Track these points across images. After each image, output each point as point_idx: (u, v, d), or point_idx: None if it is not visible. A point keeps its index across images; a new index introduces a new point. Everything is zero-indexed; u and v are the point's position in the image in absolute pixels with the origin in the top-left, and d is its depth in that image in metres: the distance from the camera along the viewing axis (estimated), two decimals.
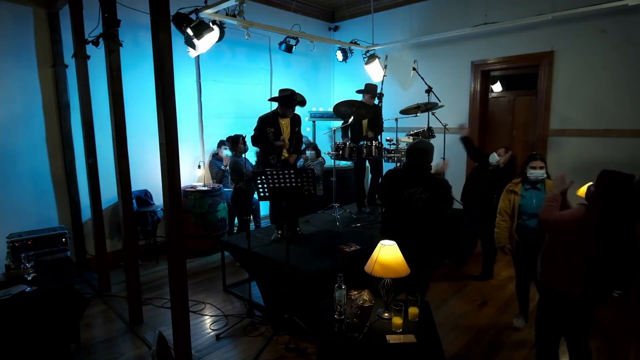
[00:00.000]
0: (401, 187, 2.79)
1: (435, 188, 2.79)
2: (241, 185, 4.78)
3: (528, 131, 5.32)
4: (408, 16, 6.01)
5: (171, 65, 2.42)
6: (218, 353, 2.93)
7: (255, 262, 3.50)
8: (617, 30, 4.30)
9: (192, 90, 5.36)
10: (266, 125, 3.73)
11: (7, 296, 2.54)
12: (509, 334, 3.16)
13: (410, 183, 2.78)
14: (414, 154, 2.84)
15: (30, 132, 4.08)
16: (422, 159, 2.82)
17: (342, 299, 2.20)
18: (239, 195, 4.88)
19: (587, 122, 4.59)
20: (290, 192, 3.13)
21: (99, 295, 3.86)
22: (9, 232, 3.76)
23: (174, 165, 2.48)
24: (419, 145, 2.88)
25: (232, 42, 5.39)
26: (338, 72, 7.17)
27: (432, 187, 2.77)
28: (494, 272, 4.29)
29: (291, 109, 3.79)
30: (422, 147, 2.86)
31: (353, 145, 4.35)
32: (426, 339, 2.10)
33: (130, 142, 3.30)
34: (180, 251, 2.58)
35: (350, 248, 3.40)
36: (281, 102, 3.75)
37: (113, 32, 3.09)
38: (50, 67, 4.14)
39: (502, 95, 5.65)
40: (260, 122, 3.79)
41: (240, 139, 4.71)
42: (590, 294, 2.19)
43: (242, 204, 4.89)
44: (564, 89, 4.74)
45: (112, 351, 2.99)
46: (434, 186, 2.79)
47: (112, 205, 4.59)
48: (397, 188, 2.81)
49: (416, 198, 2.74)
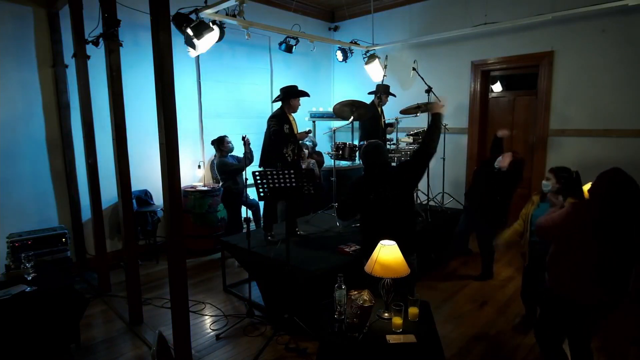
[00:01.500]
0: (368, 192, 2.73)
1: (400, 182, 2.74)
2: (229, 185, 4.79)
3: (528, 131, 5.32)
4: (408, 16, 6.02)
5: (171, 65, 2.42)
6: (218, 353, 2.93)
7: (255, 262, 3.50)
8: (617, 30, 4.30)
9: (192, 90, 5.36)
10: (283, 122, 3.69)
11: (7, 296, 2.54)
12: (509, 334, 3.16)
13: (376, 185, 2.73)
14: (370, 156, 2.78)
15: (30, 132, 4.08)
16: (378, 158, 2.77)
17: (342, 299, 2.20)
18: (228, 194, 4.88)
19: (587, 122, 4.59)
20: (290, 192, 3.13)
21: (99, 295, 3.86)
22: (9, 232, 3.76)
23: (174, 165, 2.48)
24: (369, 147, 2.81)
25: (232, 42, 5.39)
26: (338, 72, 7.17)
27: (398, 183, 2.73)
28: (494, 272, 4.29)
29: (298, 101, 3.79)
30: (373, 146, 2.79)
31: (353, 145, 4.36)
32: (426, 339, 2.10)
33: (130, 142, 3.30)
34: (180, 251, 2.58)
35: (350, 248, 3.40)
36: (289, 94, 3.74)
37: (113, 32, 3.08)
38: (50, 67, 4.14)
39: (502, 95, 5.65)
40: (277, 118, 3.71)
41: (225, 138, 4.74)
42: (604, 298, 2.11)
43: (233, 203, 4.87)
44: (564, 89, 4.74)
45: (112, 351, 2.99)
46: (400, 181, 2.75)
47: (112, 205, 4.59)
48: (364, 194, 2.75)
49: (383, 197, 2.70)
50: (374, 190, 2.71)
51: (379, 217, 2.74)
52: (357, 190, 2.82)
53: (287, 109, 3.77)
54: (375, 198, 2.69)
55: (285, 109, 3.77)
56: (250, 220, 5.19)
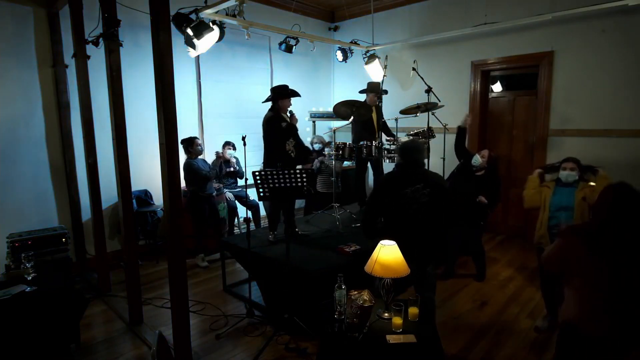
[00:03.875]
0: (402, 188, 2.78)
1: (435, 183, 2.78)
2: (194, 189, 4.58)
3: (528, 131, 5.32)
4: (408, 16, 6.02)
5: (171, 65, 2.42)
6: (218, 353, 2.93)
7: (255, 262, 3.50)
8: (617, 30, 4.30)
9: (192, 90, 5.36)
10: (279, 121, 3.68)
11: (7, 296, 2.54)
12: (509, 334, 3.16)
13: (411, 181, 2.77)
14: (409, 152, 2.81)
15: (30, 132, 4.08)
16: (417, 156, 2.81)
17: (342, 299, 2.20)
18: (193, 198, 4.61)
19: (587, 122, 4.59)
20: (290, 192, 3.13)
21: (99, 295, 3.86)
22: (9, 232, 3.75)
23: (174, 165, 2.48)
24: (411, 143, 2.86)
25: (232, 42, 5.39)
26: (338, 72, 7.17)
27: (433, 183, 2.77)
28: (494, 272, 4.29)
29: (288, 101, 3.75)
30: (415, 145, 2.84)
31: (353, 146, 4.36)
32: (426, 339, 2.10)
33: (130, 142, 3.30)
34: (180, 251, 2.58)
35: (350, 248, 3.40)
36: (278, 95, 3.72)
37: (113, 32, 3.09)
38: (50, 67, 4.14)
39: (502, 95, 5.65)
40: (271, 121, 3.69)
41: (196, 140, 4.61)
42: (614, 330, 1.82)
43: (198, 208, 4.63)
44: (564, 89, 4.74)
45: (112, 351, 2.98)
46: (434, 181, 2.79)
47: (112, 205, 4.59)
48: (397, 189, 2.80)
49: (420, 195, 2.74)
50: (410, 184, 2.74)
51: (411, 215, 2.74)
52: (390, 184, 2.82)
53: (278, 109, 3.73)
54: (412, 193, 2.73)
55: (276, 109, 3.73)
56: (250, 220, 5.19)
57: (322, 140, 5.73)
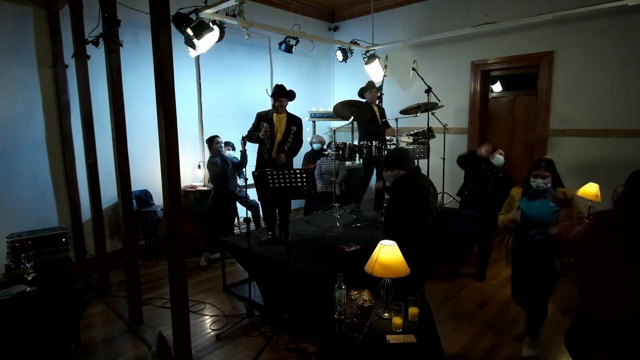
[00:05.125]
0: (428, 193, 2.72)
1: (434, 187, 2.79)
2: (215, 186, 4.73)
3: (528, 131, 5.32)
4: (408, 16, 6.01)
5: (171, 65, 2.42)
6: (218, 353, 2.93)
7: (255, 262, 3.50)
8: (616, 30, 4.30)
9: (192, 90, 5.36)
10: (260, 120, 3.90)
11: (7, 296, 2.54)
12: (509, 334, 3.16)
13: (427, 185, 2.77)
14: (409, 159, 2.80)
15: (30, 132, 4.08)
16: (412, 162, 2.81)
17: (342, 299, 2.20)
18: (215, 195, 4.77)
19: (587, 122, 4.59)
20: (290, 192, 3.13)
21: (99, 295, 3.86)
22: (9, 232, 3.75)
23: (174, 165, 2.48)
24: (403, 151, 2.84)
25: (232, 42, 5.38)
26: (338, 72, 7.17)
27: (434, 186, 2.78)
28: (494, 272, 4.29)
29: (280, 101, 3.89)
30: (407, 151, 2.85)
31: (353, 146, 4.35)
32: (426, 339, 2.09)
33: (130, 142, 3.30)
34: (180, 251, 2.58)
35: (350, 248, 3.40)
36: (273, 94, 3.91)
37: (113, 32, 3.08)
38: (50, 67, 4.14)
39: (502, 95, 5.65)
40: (256, 117, 3.98)
41: (215, 139, 4.70)
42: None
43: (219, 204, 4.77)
44: (564, 89, 4.74)
45: (112, 351, 2.99)
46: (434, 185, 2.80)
47: (112, 205, 4.59)
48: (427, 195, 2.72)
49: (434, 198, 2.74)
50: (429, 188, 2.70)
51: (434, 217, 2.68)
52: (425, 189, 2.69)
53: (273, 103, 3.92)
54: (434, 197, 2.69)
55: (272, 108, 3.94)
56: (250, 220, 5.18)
57: (321, 140, 5.74)
